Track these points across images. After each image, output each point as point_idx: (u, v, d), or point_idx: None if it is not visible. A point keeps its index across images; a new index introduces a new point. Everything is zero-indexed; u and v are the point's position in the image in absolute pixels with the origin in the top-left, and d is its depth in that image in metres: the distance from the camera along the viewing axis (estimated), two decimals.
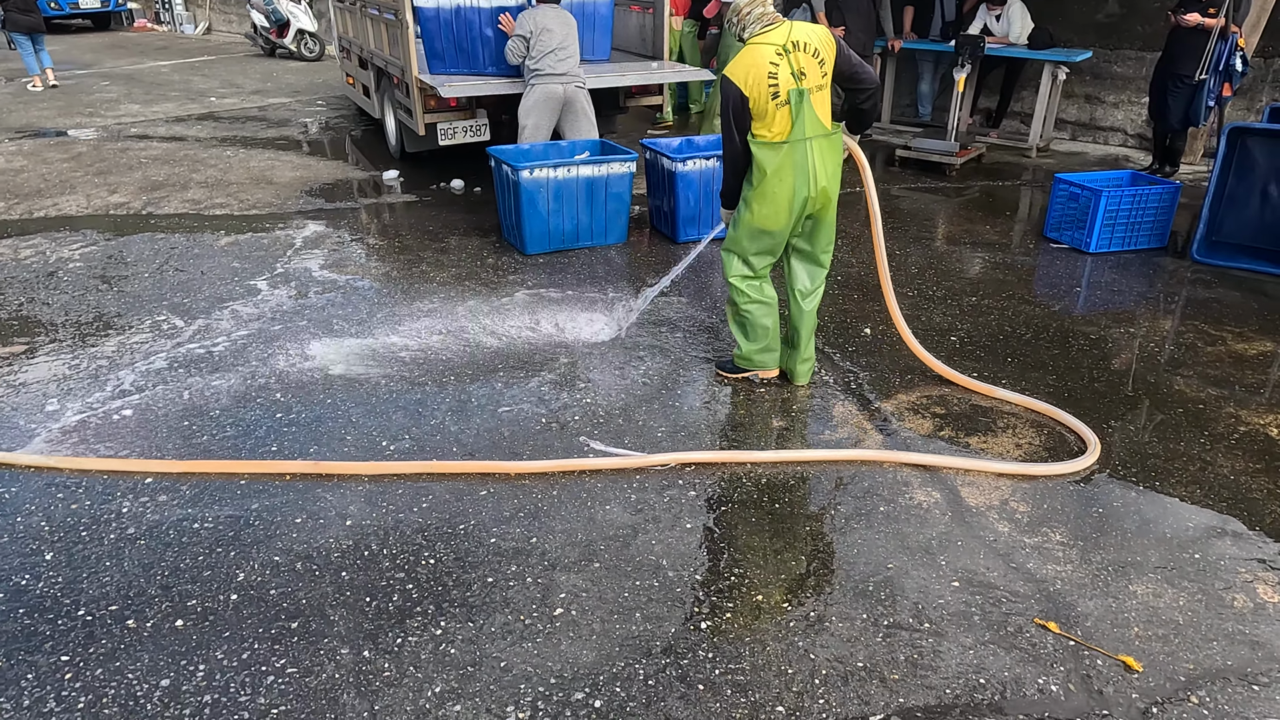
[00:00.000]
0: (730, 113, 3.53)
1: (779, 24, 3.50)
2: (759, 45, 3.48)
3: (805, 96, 3.48)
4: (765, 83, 3.44)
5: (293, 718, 2.32)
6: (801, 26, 3.51)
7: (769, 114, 3.50)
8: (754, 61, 3.46)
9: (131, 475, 3.36)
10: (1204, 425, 3.76)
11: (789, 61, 3.45)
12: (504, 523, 3.10)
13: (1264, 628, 2.64)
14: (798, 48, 3.46)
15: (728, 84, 3.51)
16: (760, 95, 3.46)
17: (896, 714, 2.33)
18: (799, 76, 3.46)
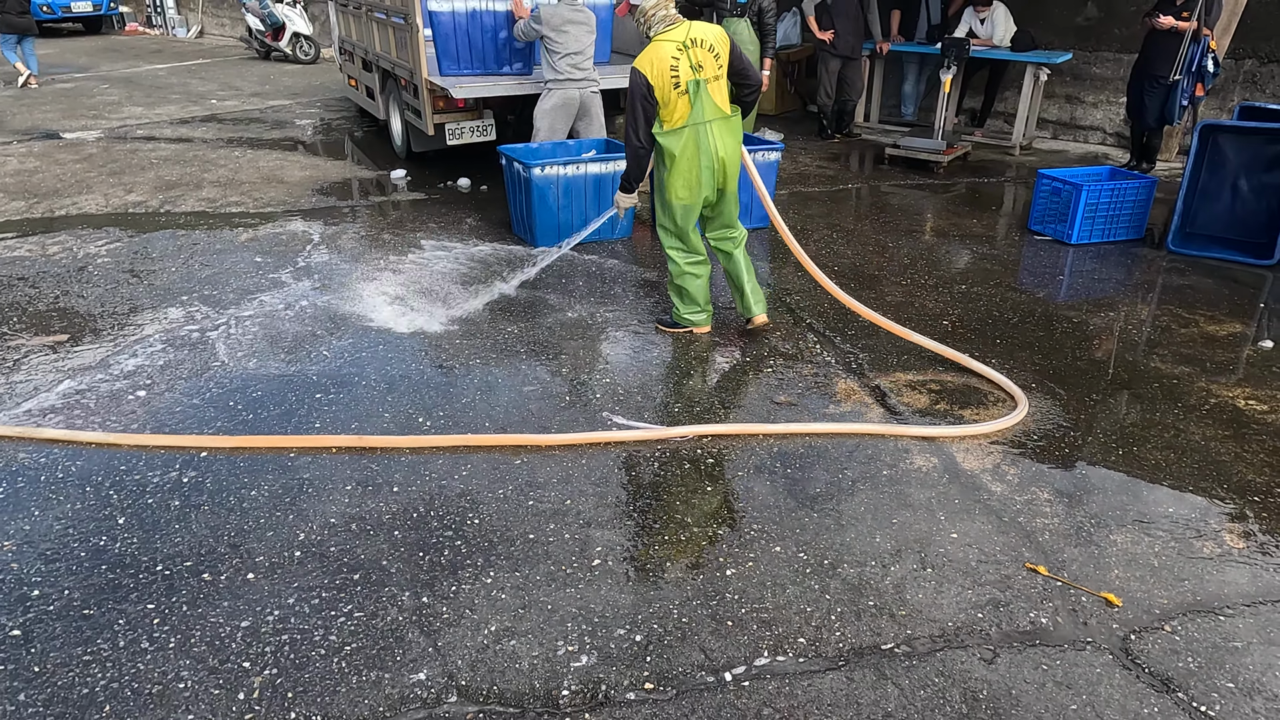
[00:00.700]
0: (638, 100, 4.08)
1: (680, 24, 4.12)
2: (662, 42, 4.08)
3: (702, 85, 4.10)
4: (668, 73, 4.03)
5: (364, 653, 2.58)
6: (700, 26, 4.14)
7: (671, 101, 4.09)
8: (658, 55, 4.05)
9: (188, 450, 3.61)
10: (1178, 398, 4.07)
11: (688, 56, 4.05)
12: (539, 488, 3.37)
13: (1229, 570, 2.95)
14: (696, 44, 4.07)
15: (637, 75, 4.06)
16: (664, 84, 4.05)
17: (905, 643, 2.62)
18: (696, 69, 4.08)
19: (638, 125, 4.13)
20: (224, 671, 2.51)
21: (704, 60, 4.09)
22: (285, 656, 2.56)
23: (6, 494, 3.32)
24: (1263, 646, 2.62)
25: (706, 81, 4.10)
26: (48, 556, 2.98)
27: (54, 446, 3.62)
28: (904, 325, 4.82)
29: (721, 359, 4.47)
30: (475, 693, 2.44)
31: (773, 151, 6.34)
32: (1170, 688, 2.46)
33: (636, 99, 4.08)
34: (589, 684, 2.47)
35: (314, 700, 2.42)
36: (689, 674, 2.51)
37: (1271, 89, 8.16)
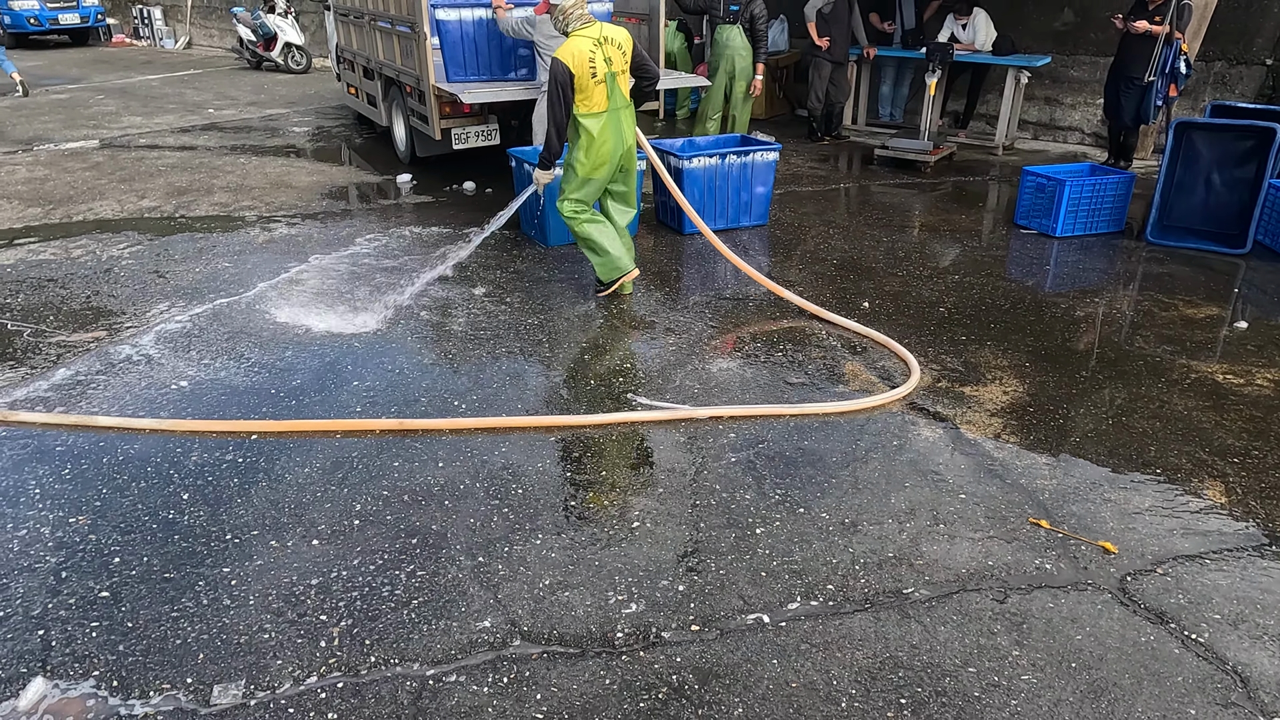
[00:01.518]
0: (560, 87, 4.61)
1: (593, 23, 4.73)
2: (580, 37, 4.65)
3: (614, 78, 4.76)
4: (587, 65, 4.62)
5: (431, 605, 2.81)
6: (609, 26, 4.77)
7: (589, 89, 4.68)
8: (579, 49, 4.62)
9: (238, 435, 3.82)
10: (1161, 374, 4.37)
11: (602, 51, 4.67)
12: (574, 462, 3.61)
13: (1213, 520, 3.23)
14: (608, 41, 4.72)
15: (560, 65, 4.59)
16: (583, 74, 4.63)
17: (924, 587, 2.88)
18: (608, 62, 4.71)
19: (558, 110, 4.66)
20: (303, 624, 2.73)
21: (614, 56, 4.73)
22: (358, 610, 2.79)
23: (73, 475, 3.51)
24: (1244, 585, 2.90)
25: (617, 74, 4.76)
26: (122, 529, 3.18)
27: (108, 433, 3.82)
28: (903, 312, 5.11)
29: (734, 345, 4.73)
30: (537, 636, 2.68)
31: (770, 152, 6.62)
32: (1164, 619, 2.74)
33: (559, 86, 4.61)
34: (640, 627, 2.71)
35: (390, 646, 2.64)
36: (730, 617, 2.75)
37: (1240, 89, 8.55)
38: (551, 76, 4.61)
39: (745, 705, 2.43)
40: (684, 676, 2.52)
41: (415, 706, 2.43)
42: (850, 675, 2.53)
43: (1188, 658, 2.59)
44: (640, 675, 2.53)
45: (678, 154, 6.39)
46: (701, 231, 5.60)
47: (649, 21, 8.28)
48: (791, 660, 2.58)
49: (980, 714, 2.40)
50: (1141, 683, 2.50)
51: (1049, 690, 2.47)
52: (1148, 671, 2.54)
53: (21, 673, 2.54)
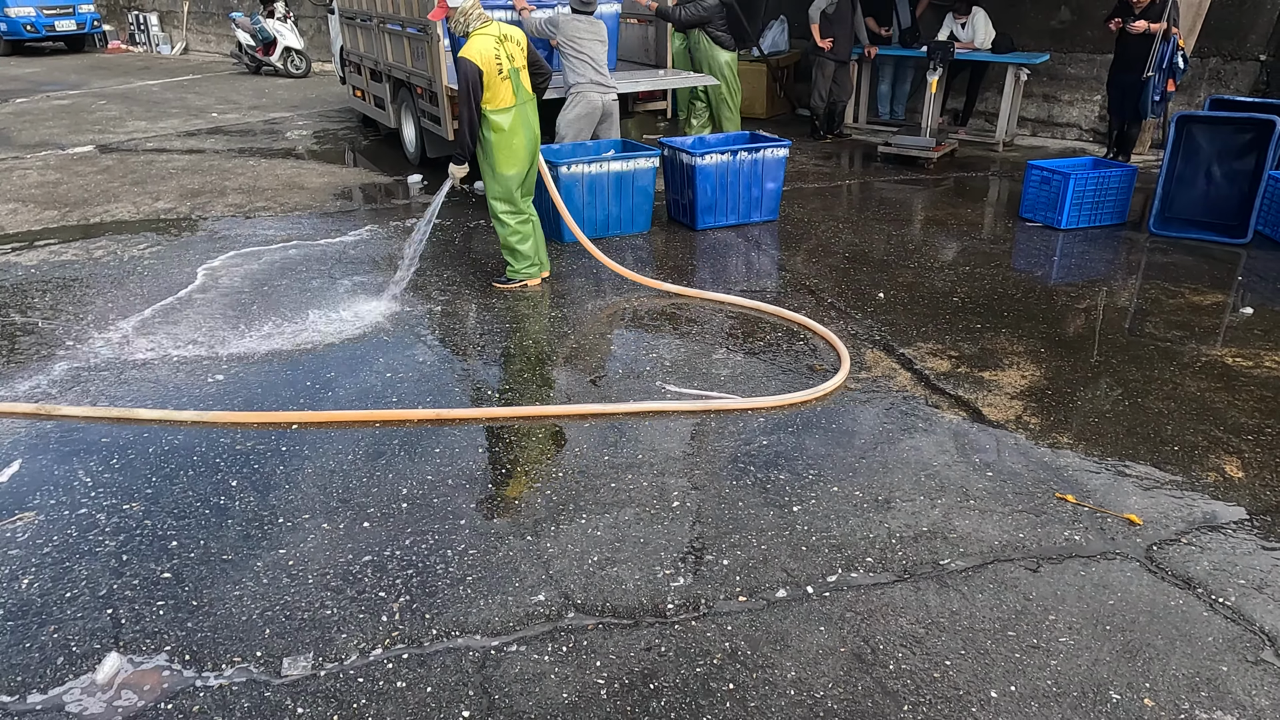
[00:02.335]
0: (471, 85, 4.72)
1: (491, 22, 4.88)
2: (483, 36, 4.79)
3: (517, 74, 4.92)
4: (493, 62, 4.77)
5: (485, 581, 2.90)
6: (504, 25, 4.93)
7: (496, 85, 4.82)
8: (484, 47, 4.75)
9: (279, 426, 3.90)
10: (1172, 358, 4.50)
11: (503, 48, 4.82)
12: (611, 446, 3.71)
13: (1231, 493, 3.35)
14: (507, 39, 4.87)
15: (469, 64, 4.70)
16: (491, 71, 4.76)
17: (960, 558, 2.99)
18: (510, 59, 4.87)
19: (470, 106, 4.77)
20: (363, 600, 2.82)
21: (514, 53, 4.91)
22: (414, 586, 2.88)
23: (121, 464, 3.60)
24: (1265, 553, 3.02)
25: (519, 70, 4.94)
26: (176, 514, 3.27)
27: (151, 425, 3.90)
28: (918, 302, 5.23)
29: (753, 335, 4.83)
30: (591, 608, 2.78)
31: (781, 148, 6.74)
32: (1191, 585, 2.85)
33: (469, 85, 4.72)
34: (689, 598, 2.82)
35: (450, 619, 2.74)
36: (775, 588, 2.86)
37: (1235, 84, 8.72)
38: (461, 76, 4.74)
39: (798, 667, 2.53)
40: (736, 643, 2.62)
41: (481, 674, 2.52)
42: (897, 639, 2.63)
43: (1216, 620, 2.71)
44: (694, 642, 2.63)
45: (689, 151, 6.50)
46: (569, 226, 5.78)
47: (655, 23, 8.40)
48: (838, 627, 2.69)
49: (1023, 672, 2.50)
50: (1174, 643, 2.61)
51: (1086, 651, 2.58)
52: (1179, 633, 2.65)
53: (95, 649, 2.63)
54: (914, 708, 2.40)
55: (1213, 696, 2.42)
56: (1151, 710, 2.38)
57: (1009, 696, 2.43)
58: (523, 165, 5.13)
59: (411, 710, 2.41)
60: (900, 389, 4.18)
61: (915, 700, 2.42)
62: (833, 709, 2.40)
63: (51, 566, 2.99)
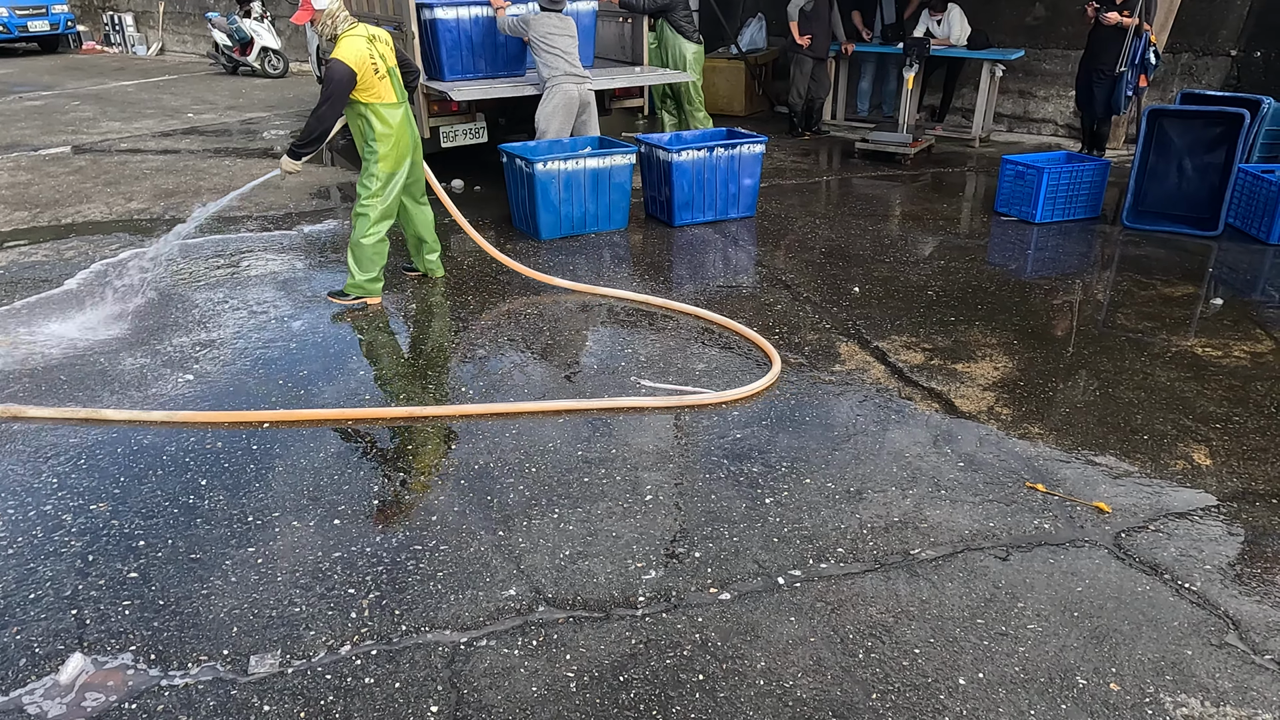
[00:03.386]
0: (336, 89, 4.56)
1: (358, 23, 4.70)
2: (354, 37, 4.61)
3: (394, 72, 4.81)
4: (369, 63, 4.61)
5: (456, 577, 2.89)
6: (372, 26, 4.75)
7: (375, 85, 4.68)
8: (357, 48, 4.59)
9: (251, 425, 3.87)
10: (1143, 348, 4.54)
11: (374, 48, 4.67)
12: (584, 441, 3.70)
13: (1199, 480, 3.39)
14: (376, 39, 4.73)
15: (342, 66, 4.52)
16: (366, 71, 4.61)
17: (930, 548, 3.00)
18: (383, 59, 4.72)
19: (335, 108, 4.62)
20: (332, 597, 2.80)
21: (385, 53, 4.76)
22: (384, 583, 2.86)
23: (89, 465, 3.56)
24: (1230, 539, 3.05)
25: (394, 69, 4.81)
26: (144, 514, 3.23)
27: (119, 426, 3.86)
28: (893, 296, 5.25)
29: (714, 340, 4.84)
30: (562, 601, 2.77)
31: (757, 144, 6.75)
32: (1158, 571, 2.88)
33: (339, 88, 4.55)
34: (661, 590, 2.81)
35: (419, 615, 2.72)
36: (747, 580, 2.86)
37: (1206, 80, 8.80)
38: (329, 79, 4.55)
39: (768, 658, 2.53)
40: (707, 634, 2.62)
41: (450, 669, 2.51)
42: (866, 628, 2.64)
43: (1182, 605, 2.73)
44: (665, 634, 2.63)
45: (666, 147, 6.50)
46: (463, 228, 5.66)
47: (632, 20, 8.39)
48: (809, 617, 2.69)
49: (991, 659, 2.52)
50: (1140, 628, 2.63)
51: (1054, 637, 2.60)
52: (1146, 618, 2.67)
53: (59, 649, 2.59)
54: (882, 696, 2.40)
55: (1177, 680, 2.44)
56: (1117, 695, 2.39)
57: (976, 683, 2.44)
58: (406, 166, 4.96)
59: (379, 706, 2.40)
60: (874, 381, 4.19)
61: (884, 689, 2.43)
62: (801, 698, 2.40)
63: (15, 568, 2.95)
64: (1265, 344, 4.57)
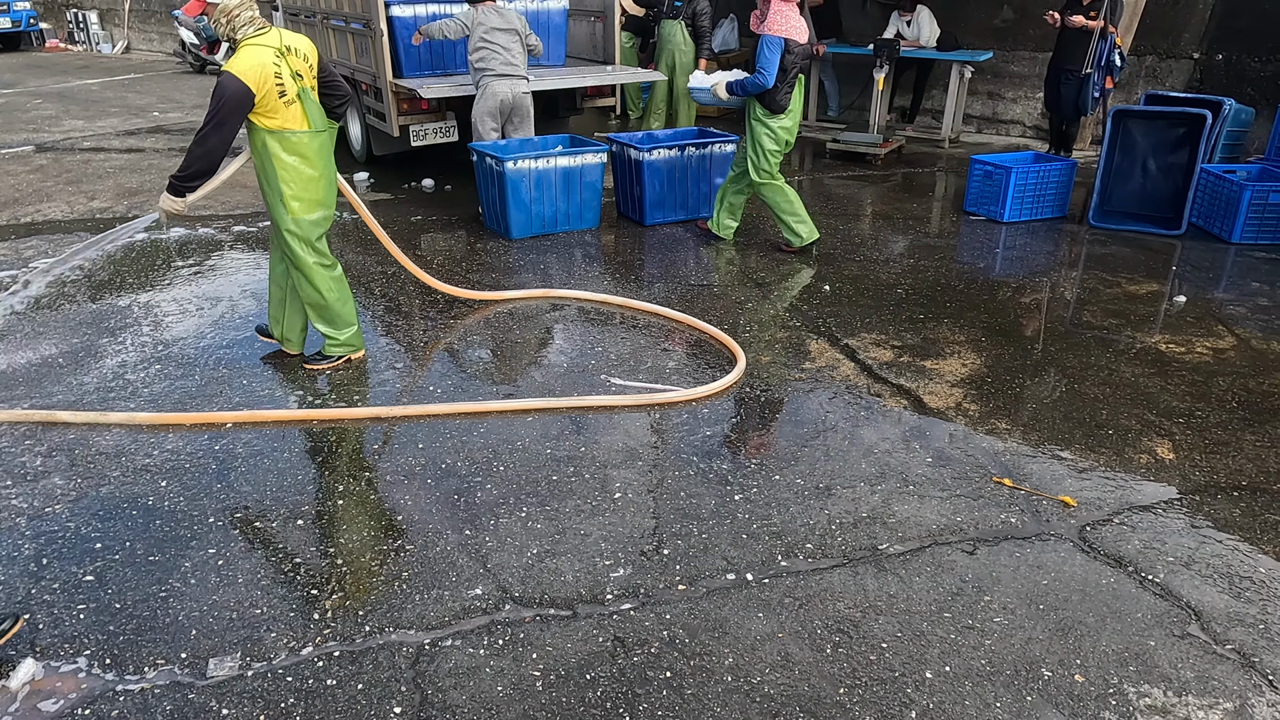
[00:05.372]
0: (230, 109, 3.63)
1: (269, 29, 3.76)
2: (258, 46, 3.69)
3: (309, 94, 3.84)
4: (271, 80, 3.68)
5: (422, 577, 2.85)
6: (290, 34, 3.82)
7: (277, 110, 3.74)
8: (259, 61, 3.65)
9: (213, 426, 3.80)
10: (1108, 345, 4.59)
11: (287, 63, 3.74)
12: (553, 439, 3.67)
13: (1162, 474, 3.42)
14: (291, 52, 3.77)
15: (235, 81, 3.60)
16: (268, 92, 3.68)
17: (898, 543, 3.00)
18: (297, 78, 3.79)
19: (223, 133, 3.69)
20: (294, 599, 2.75)
21: (301, 69, 3.81)
22: (348, 583, 2.82)
23: (45, 467, 3.47)
24: (1193, 531, 3.08)
25: (309, 90, 3.85)
26: (101, 516, 3.16)
27: (78, 428, 3.78)
28: (863, 294, 5.27)
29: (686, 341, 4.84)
30: (529, 600, 2.74)
31: (729, 144, 6.75)
32: (1122, 563, 2.90)
33: (228, 109, 3.63)
34: (629, 588, 2.79)
35: (383, 615, 2.68)
36: (715, 576, 2.85)
37: (1170, 82, 8.94)
38: (218, 96, 3.62)
39: (735, 654, 2.52)
40: (675, 631, 2.61)
41: (414, 670, 2.47)
42: (834, 624, 2.63)
43: (1145, 596, 2.75)
44: (632, 631, 2.60)
45: (637, 146, 6.48)
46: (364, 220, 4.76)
47: (604, 19, 8.38)
48: (777, 613, 2.68)
49: (958, 652, 2.52)
50: (1105, 620, 2.65)
51: (1020, 630, 2.61)
52: (1110, 610, 2.69)
53: (10, 655, 2.52)
54: (850, 690, 2.40)
55: (1140, 671, 2.46)
56: (1081, 686, 2.41)
57: (943, 677, 2.44)
58: (328, 207, 4.05)
59: (341, 708, 2.35)
60: (844, 379, 4.20)
61: (851, 683, 2.42)
62: (769, 694, 2.39)
63: None
64: (1227, 340, 4.64)
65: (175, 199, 3.88)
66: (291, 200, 3.91)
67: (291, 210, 3.93)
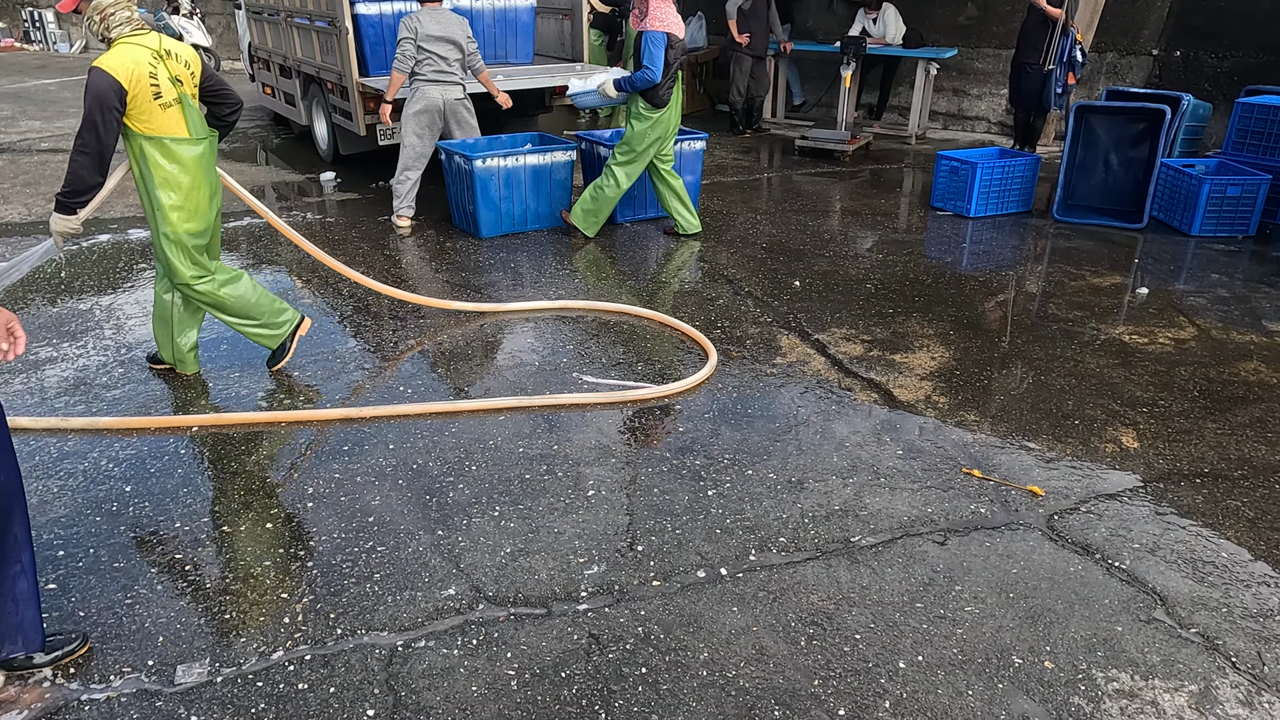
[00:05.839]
0: (106, 107, 3.44)
1: (148, 31, 3.60)
2: (134, 46, 3.53)
3: (188, 101, 3.68)
4: (147, 81, 3.51)
5: (394, 578, 2.82)
6: (170, 40, 3.70)
7: (153, 114, 3.57)
8: (135, 60, 3.49)
9: (178, 429, 3.74)
10: (1074, 336, 4.65)
11: (165, 67, 3.58)
12: (526, 437, 3.66)
13: (1127, 462, 3.48)
14: (170, 56, 3.62)
15: (105, 77, 3.42)
16: (141, 92, 3.51)
17: (870, 535, 3.03)
18: (176, 83, 3.62)
19: (101, 135, 3.48)
20: (264, 603, 2.72)
21: (181, 75, 3.65)
22: (319, 586, 2.79)
23: None
24: (1158, 517, 3.13)
25: (189, 97, 3.70)
26: (64, 523, 3.10)
27: (37, 434, 3.70)
28: (833, 289, 5.30)
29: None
30: (503, 599, 2.73)
31: (698, 141, 6.76)
32: (1089, 551, 2.94)
33: (103, 106, 3.43)
34: (604, 585, 2.79)
35: (355, 617, 2.65)
36: (689, 572, 2.85)
37: (1130, 78, 9.09)
38: (88, 95, 3.45)
39: (710, 649, 2.52)
40: (649, 627, 2.60)
41: (387, 672, 2.45)
42: (808, 616, 2.65)
43: (1112, 583, 2.80)
44: (607, 629, 2.60)
45: (606, 144, 6.47)
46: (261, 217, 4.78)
47: (572, 17, 8.36)
48: (751, 607, 2.69)
49: (930, 642, 2.54)
50: (1074, 607, 2.69)
51: (991, 618, 2.64)
52: (1078, 597, 2.73)
53: None
54: (824, 682, 2.41)
55: (1108, 656, 2.49)
56: (1051, 672, 2.44)
57: (916, 666, 2.46)
58: (205, 220, 3.84)
59: (314, 712, 2.32)
60: (814, 373, 4.22)
61: (825, 675, 2.43)
62: (744, 688, 2.39)
63: None
64: (1188, 330, 4.73)
65: (67, 218, 3.69)
66: (171, 211, 3.75)
67: (170, 221, 3.76)
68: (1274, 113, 6.42)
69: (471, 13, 7.57)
